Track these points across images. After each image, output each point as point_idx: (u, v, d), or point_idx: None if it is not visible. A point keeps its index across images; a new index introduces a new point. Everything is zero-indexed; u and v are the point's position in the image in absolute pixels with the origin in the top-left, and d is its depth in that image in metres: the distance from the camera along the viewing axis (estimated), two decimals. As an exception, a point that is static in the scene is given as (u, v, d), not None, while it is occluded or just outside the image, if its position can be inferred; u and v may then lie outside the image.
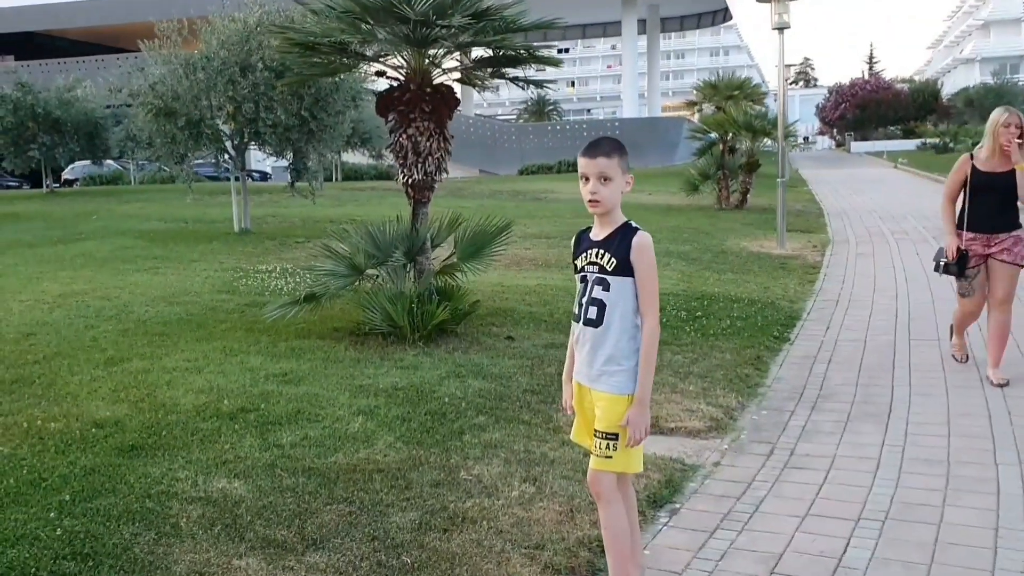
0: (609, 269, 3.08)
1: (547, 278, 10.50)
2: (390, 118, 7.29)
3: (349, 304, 8.12)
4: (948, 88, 73.01)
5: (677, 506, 4.33)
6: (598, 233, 3.15)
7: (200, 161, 18.93)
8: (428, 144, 7.20)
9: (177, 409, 5.46)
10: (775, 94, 27.21)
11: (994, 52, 73.15)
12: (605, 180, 3.03)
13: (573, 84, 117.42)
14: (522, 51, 6.99)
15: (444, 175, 7.42)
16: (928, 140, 43.08)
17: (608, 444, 3.10)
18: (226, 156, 16.04)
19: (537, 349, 7.04)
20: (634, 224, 3.11)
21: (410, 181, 7.27)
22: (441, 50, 7.19)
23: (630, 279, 3.07)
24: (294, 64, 8.18)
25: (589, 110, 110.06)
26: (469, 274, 7.71)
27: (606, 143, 3.07)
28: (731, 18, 61.20)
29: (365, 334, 7.28)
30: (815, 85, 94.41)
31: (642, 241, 3.06)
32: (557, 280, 10.35)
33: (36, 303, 9.15)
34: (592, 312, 3.12)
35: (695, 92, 23.92)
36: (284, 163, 15.46)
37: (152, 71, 14.89)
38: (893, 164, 38.37)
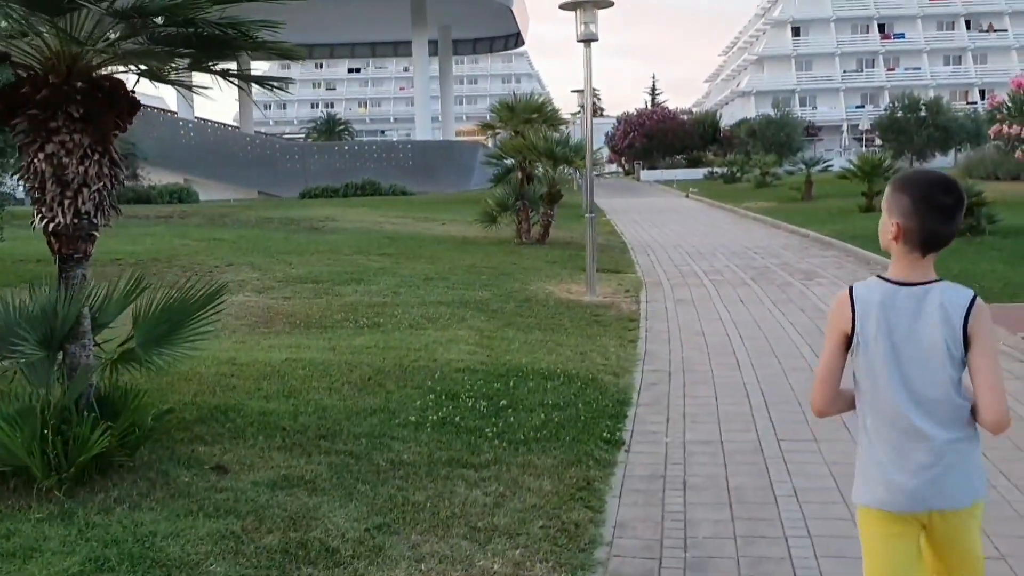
0: None
1: (302, 347, 7.88)
2: (16, 126, 4.55)
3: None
4: (727, 119, 76.26)
5: None
6: None
7: None
8: (81, 169, 4.53)
9: None
10: (572, 120, 25.93)
11: (768, 86, 77.22)
12: None
13: (364, 105, 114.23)
14: (229, 30, 4.44)
15: (114, 215, 4.77)
16: (716, 169, 43.84)
17: None
18: None
19: (259, 491, 4.51)
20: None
21: (52, 227, 4.55)
22: (98, 24, 4.52)
23: None
24: None
25: (383, 131, 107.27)
26: (159, 362, 5.05)
27: None
28: (523, 43, 60.46)
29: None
30: (602, 114, 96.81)
31: None
32: (315, 350, 7.74)
33: None
34: None
35: (490, 114, 21.91)
36: None
37: None
38: (684, 194, 38.35)
